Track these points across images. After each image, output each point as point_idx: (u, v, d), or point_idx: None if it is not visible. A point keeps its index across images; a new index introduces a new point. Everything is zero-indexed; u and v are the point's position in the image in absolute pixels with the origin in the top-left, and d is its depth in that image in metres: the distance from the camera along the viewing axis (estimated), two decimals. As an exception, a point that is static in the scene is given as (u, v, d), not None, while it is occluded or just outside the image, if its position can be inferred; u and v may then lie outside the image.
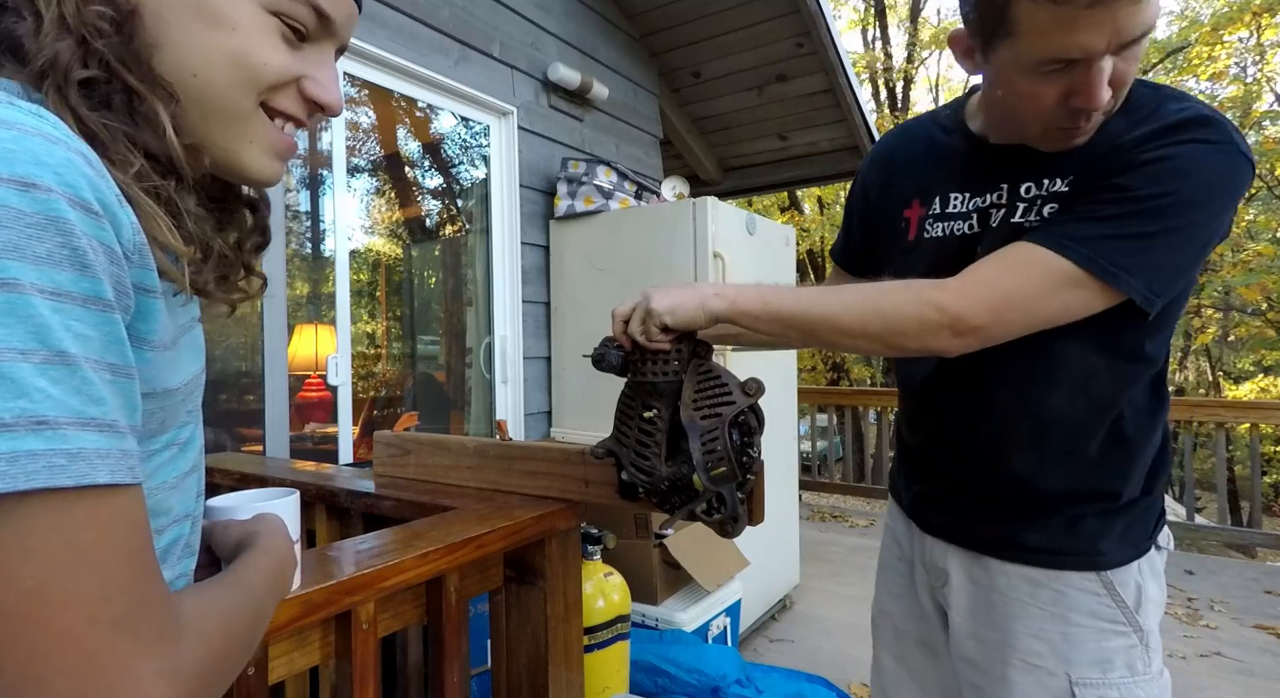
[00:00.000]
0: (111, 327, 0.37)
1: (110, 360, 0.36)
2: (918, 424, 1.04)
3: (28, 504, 0.32)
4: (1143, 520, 0.89)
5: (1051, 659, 0.88)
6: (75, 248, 0.35)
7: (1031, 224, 0.82)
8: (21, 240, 0.33)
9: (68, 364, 0.34)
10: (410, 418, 3.57)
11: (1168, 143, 0.74)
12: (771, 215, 10.08)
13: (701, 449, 0.82)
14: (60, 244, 0.34)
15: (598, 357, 0.89)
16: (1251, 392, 10.76)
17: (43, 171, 0.34)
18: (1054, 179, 0.82)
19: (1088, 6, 0.67)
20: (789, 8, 3.36)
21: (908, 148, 1.01)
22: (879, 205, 1.03)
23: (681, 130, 4.30)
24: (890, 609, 1.11)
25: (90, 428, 0.35)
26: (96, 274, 0.36)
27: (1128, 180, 0.74)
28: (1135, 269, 0.74)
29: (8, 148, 0.34)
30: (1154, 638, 0.88)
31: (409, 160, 4.09)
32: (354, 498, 1.19)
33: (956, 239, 0.91)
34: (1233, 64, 8.83)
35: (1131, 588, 0.87)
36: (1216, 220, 0.75)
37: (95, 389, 0.35)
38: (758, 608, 2.78)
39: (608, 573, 1.75)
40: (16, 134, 0.34)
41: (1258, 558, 4.70)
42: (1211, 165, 0.73)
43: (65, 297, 0.34)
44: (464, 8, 2.63)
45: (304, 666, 0.79)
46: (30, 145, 0.34)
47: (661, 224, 2.62)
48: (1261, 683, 2.42)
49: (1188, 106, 0.76)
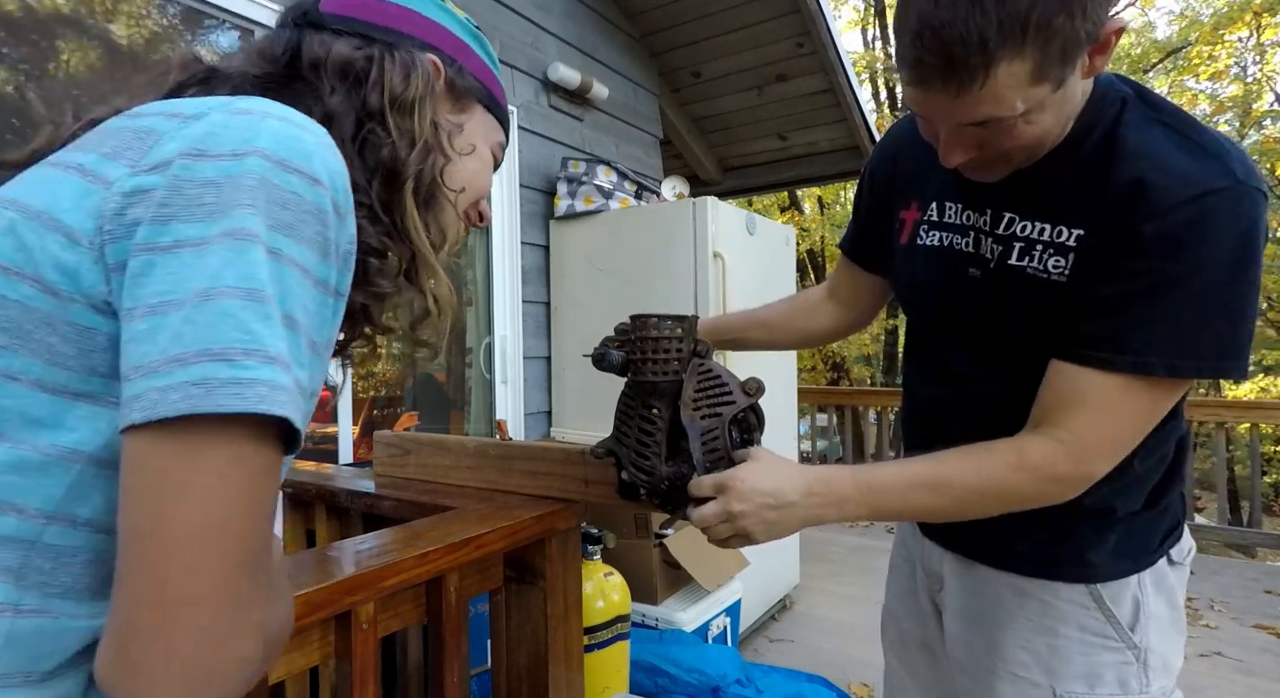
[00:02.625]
0: (326, 310, 0.43)
1: (314, 339, 0.42)
2: (916, 427, 1.02)
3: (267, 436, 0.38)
4: (1144, 534, 0.85)
5: (1037, 671, 0.85)
6: (326, 238, 0.42)
7: (1036, 274, 0.77)
8: (297, 222, 0.40)
9: (293, 329, 0.40)
10: (410, 418, 3.57)
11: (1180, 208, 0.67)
12: (771, 215, 10.08)
13: (702, 449, 0.81)
14: (318, 232, 0.42)
15: (598, 357, 0.89)
16: (1251, 392, 10.76)
17: (324, 173, 0.42)
18: (1056, 227, 0.76)
19: (907, 83, 0.69)
20: (789, 8, 3.36)
21: (915, 144, 0.94)
22: (882, 198, 1.01)
23: (681, 130, 4.30)
24: (896, 611, 1.10)
25: (299, 388, 0.39)
26: (332, 262, 0.43)
27: (1151, 261, 0.68)
28: (1214, 354, 0.69)
29: (308, 147, 0.42)
30: (1156, 657, 0.83)
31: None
32: (354, 498, 1.19)
33: (955, 253, 0.87)
34: (1233, 64, 8.82)
35: (1127, 603, 0.83)
36: (1253, 271, 0.69)
37: (303, 355, 0.41)
38: (758, 608, 2.78)
39: (608, 573, 1.75)
40: (316, 140, 0.43)
41: (1258, 558, 4.69)
42: (1230, 221, 0.67)
43: (307, 274, 0.41)
44: (463, 7, 2.62)
45: (304, 666, 0.79)
46: (322, 152, 0.43)
47: (661, 224, 2.62)
48: (1261, 683, 2.42)
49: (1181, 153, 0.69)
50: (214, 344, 0.36)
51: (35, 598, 0.39)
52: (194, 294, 0.36)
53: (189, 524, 0.35)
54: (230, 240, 0.37)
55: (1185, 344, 0.69)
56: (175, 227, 0.38)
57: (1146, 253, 0.69)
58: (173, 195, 0.38)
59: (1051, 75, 0.65)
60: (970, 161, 0.74)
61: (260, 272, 0.38)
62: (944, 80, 0.64)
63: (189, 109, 0.43)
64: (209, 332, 0.36)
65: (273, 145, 0.40)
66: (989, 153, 0.73)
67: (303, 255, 0.40)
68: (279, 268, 0.39)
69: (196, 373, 0.35)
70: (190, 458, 0.35)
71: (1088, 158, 0.74)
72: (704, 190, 4.53)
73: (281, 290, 0.39)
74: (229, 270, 0.37)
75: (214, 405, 0.35)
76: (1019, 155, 0.74)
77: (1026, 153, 0.74)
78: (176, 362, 0.35)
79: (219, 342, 0.36)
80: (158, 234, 0.38)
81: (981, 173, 0.78)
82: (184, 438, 0.35)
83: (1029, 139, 0.71)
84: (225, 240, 0.37)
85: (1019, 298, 0.80)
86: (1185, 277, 0.68)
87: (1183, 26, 9.89)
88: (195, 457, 0.36)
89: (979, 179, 0.80)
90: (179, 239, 0.37)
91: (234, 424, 0.36)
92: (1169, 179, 0.68)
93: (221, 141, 0.40)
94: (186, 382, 0.35)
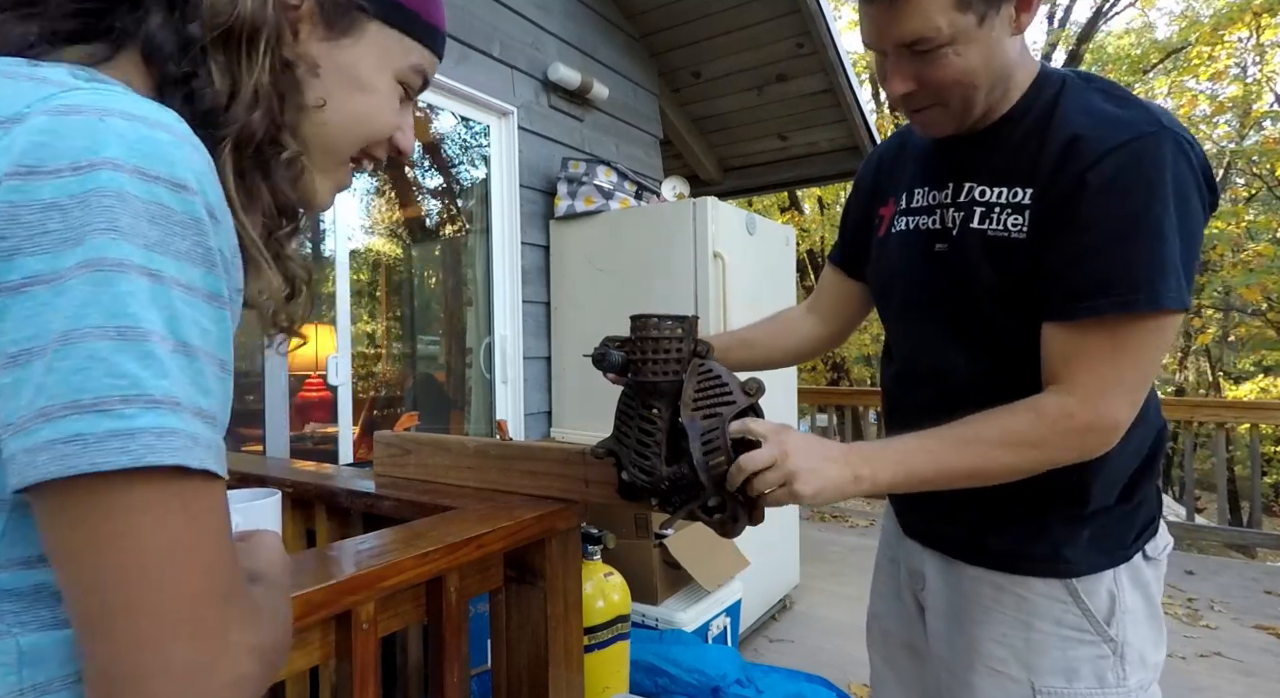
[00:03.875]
0: (224, 325, 0.39)
1: (220, 357, 0.39)
2: (894, 422, 1.04)
3: (160, 477, 0.34)
4: (1118, 528, 0.86)
5: (1015, 666, 0.87)
6: (207, 248, 0.37)
7: (996, 235, 0.82)
8: (169, 237, 0.36)
9: (190, 356, 0.36)
10: (410, 418, 3.57)
11: (1110, 155, 0.74)
12: (771, 215, 10.08)
13: (702, 449, 0.81)
14: (196, 243, 0.37)
15: (598, 356, 0.89)
16: (1252, 392, 10.75)
17: (190, 176, 0.37)
18: (1011, 188, 0.82)
19: (863, 2, 0.80)
20: (789, 8, 3.36)
21: (894, 150, 1.04)
22: (864, 204, 1.07)
23: (681, 130, 4.30)
24: (879, 611, 1.12)
25: (201, 418, 0.36)
26: (219, 274, 0.38)
27: (1097, 208, 0.74)
28: (1188, 280, 0.74)
29: (167, 151, 0.36)
30: (1133, 651, 0.84)
31: (409, 160, 4.10)
32: (354, 498, 1.19)
33: (923, 234, 0.92)
34: (1233, 64, 8.82)
35: (1102, 597, 0.85)
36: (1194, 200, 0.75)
37: (206, 382, 0.37)
38: (758, 608, 2.78)
39: (608, 573, 1.75)
40: (172, 138, 0.37)
41: (1258, 558, 4.69)
42: (1156, 160, 0.73)
43: (194, 292, 0.37)
44: (464, 8, 2.63)
45: (304, 666, 0.79)
46: (183, 151, 0.37)
47: (661, 224, 2.62)
48: (1261, 683, 2.42)
49: (1112, 110, 0.77)
50: (84, 395, 0.32)
51: (30, 633, 0.38)
52: (54, 338, 0.32)
53: (132, 572, 0.34)
54: (90, 272, 0.33)
55: (1157, 275, 0.73)
56: (20, 261, 0.33)
57: (1097, 199, 0.74)
58: (9, 226, 0.33)
59: (975, 6, 0.75)
60: (912, 100, 0.83)
61: (131, 305, 0.33)
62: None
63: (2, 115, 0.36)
64: (77, 379, 0.32)
65: (124, 153, 0.35)
66: (926, 91, 0.81)
67: (185, 273, 0.36)
68: (162, 292, 0.35)
69: (66, 429, 0.32)
70: (148, 503, 0.34)
71: (1032, 124, 0.82)
72: (704, 190, 4.53)
73: (170, 317, 0.35)
74: (92, 309, 0.33)
75: (89, 464, 0.32)
76: (955, 100, 0.81)
77: (961, 100, 0.81)
78: (41, 417, 0.32)
79: (90, 391, 0.32)
80: (3, 272, 0.33)
81: (927, 122, 0.86)
82: (84, 496, 0.33)
83: (958, 73, 0.78)
84: (84, 273, 0.33)
85: (985, 263, 0.83)
86: (1139, 214, 0.73)
87: (1183, 27, 9.88)
88: (153, 501, 0.34)
89: (931, 133, 0.88)
90: (28, 276, 0.33)
91: (133, 477, 0.34)
92: (1101, 129, 0.76)
93: (57, 154, 0.34)
94: (55, 440, 0.32)
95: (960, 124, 0.85)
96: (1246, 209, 9.06)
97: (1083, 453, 0.77)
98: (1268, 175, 8.69)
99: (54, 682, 0.38)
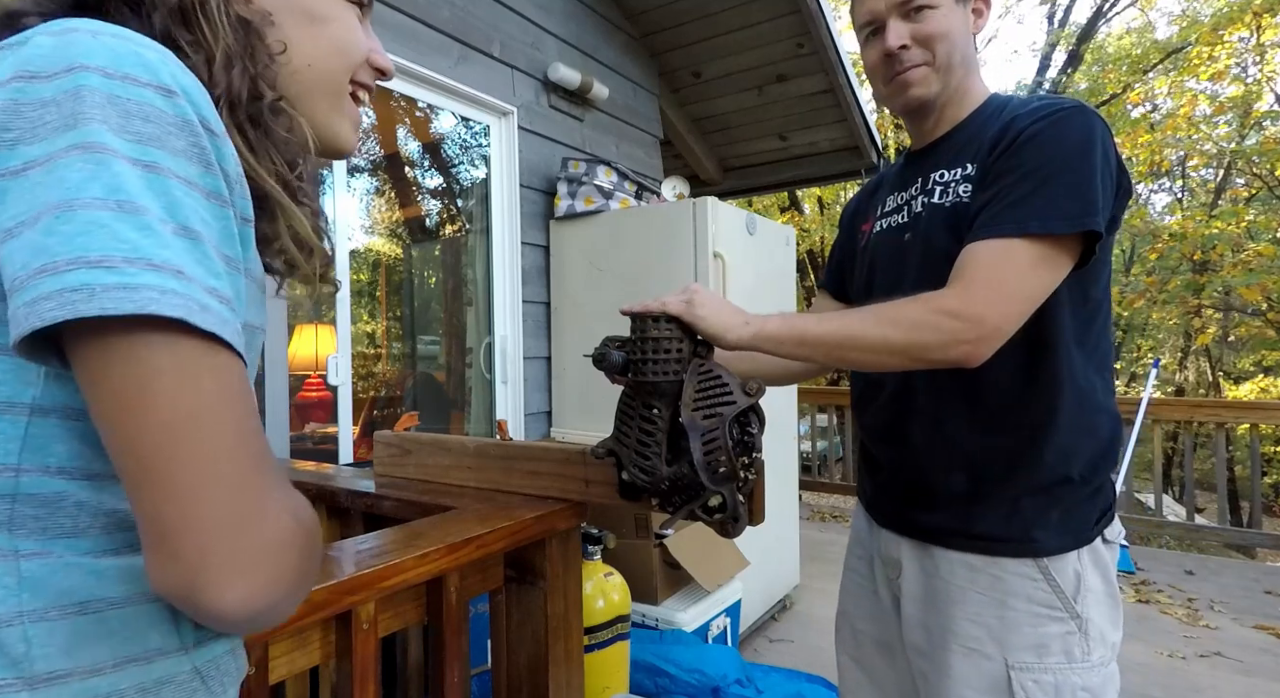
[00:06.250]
0: (227, 223, 0.40)
1: (225, 252, 0.39)
2: (863, 409, 1.09)
3: (185, 338, 0.36)
4: (1083, 510, 0.92)
5: (989, 644, 0.91)
6: (203, 148, 0.39)
7: (952, 203, 0.94)
8: (163, 134, 0.37)
9: (193, 239, 0.37)
10: (410, 418, 3.57)
11: (1037, 121, 0.89)
12: (771, 215, 10.08)
13: (702, 449, 0.81)
14: (191, 143, 0.38)
15: (598, 356, 0.89)
16: (1251, 392, 10.74)
17: (178, 85, 0.39)
18: (964, 165, 0.96)
19: None
20: (789, 8, 3.36)
21: (873, 186, 1.19)
22: (848, 230, 1.19)
23: (681, 130, 4.30)
24: (849, 610, 1.15)
25: (214, 296, 0.37)
26: (218, 174, 0.40)
27: (1019, 158, 0.88)
28: (1070, 211, 0.84)
29: (152, 61, 0.38)
30: (1095, 628, 0.90)
31: (409, 160, 4.10)
32: (354, 498, 1.19)
33: (894, 230, 1.04)
34: (1233, 64, 8.80)
35: (1070, 576, 0.90)
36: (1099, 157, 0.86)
37: (214, 265, 0.38)
38: (758, 608, 2.78)
39: (608, 573, 1.76)
40: (159, 55, 0.39)
41: (1258, 558, 4.70)
42: (1074, 123, 0.87)
43: (193, 186, 0.38)
44: (464, 8, 2.63)
45: (304, 665, 0.79)
46: (170, 67, 0.39)
47: (662, 224, 2.62)
48: (1261, 683, 2.42)
49: (1045, 99, 0.94)
50: (90, 252, 0.33)
51: (34, 543, 0.39)
52: (51, 207, 0.34)
53: (164, 421, 0.35)
54: (85, 153, 0.35)
55: (1052, 209, 0.84)
56: (21, 149, 0.35)
57: (1012, 154, 0.88)
58: (12, 119, 0.36)
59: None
60: (905, 56, 0.96)
61: (129, 184, 0.35)
62: None
63: (11, 39, 0.40)
64: (81, 239, 0.33)
65: (110, 61, 0.37)
66: (918, 47, 0.96)
67: (182, 168, 0.37)
68: (159, 180, 0.36)
69: (73, 280, 0.33)
70: (178, 361, 0.35)
71: (984, 122, 0.98)
72: (704, 190, 4.53)
73: (169, 203, 0.36)
74: (93, 183, 0.34)
75: (98, 308, 0.33)
76: (940, 55, 0.96)
77: (945, 55, 0.96)
78: (45, 271, 0.33)
79: (95, 250, 0.33)
80: (4, 160, 0.35)
81: (914, 79, 0.98)
82: (99, 352, 0.35)
83: (944, 27, 0.95)
84: (79, 154, 0.35)
85: (943, 231, 0.94)
86: (1046, 163, 0.86)
87: (1183, 27, 9.86)
88: (183, 360, 0.35)
89: (916, 93, 0.99)
90: (27, 161, 0.35)
91: (145, 328, 0.35)
92: (1030, 110, 0.91)
93: (52, 61, 0.36)
94: (63, 289, 0.33)
95: (940, 88, 0.98)
96: (1247, 209, 9.04)
97: (949, 340, 0.82)
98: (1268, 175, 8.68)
99: (50, 610, 0.39)
